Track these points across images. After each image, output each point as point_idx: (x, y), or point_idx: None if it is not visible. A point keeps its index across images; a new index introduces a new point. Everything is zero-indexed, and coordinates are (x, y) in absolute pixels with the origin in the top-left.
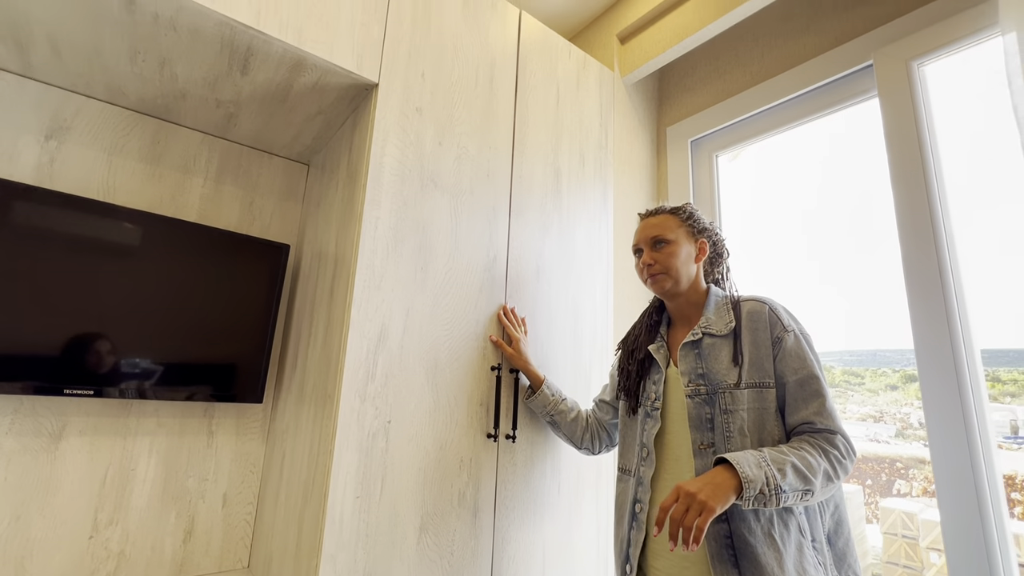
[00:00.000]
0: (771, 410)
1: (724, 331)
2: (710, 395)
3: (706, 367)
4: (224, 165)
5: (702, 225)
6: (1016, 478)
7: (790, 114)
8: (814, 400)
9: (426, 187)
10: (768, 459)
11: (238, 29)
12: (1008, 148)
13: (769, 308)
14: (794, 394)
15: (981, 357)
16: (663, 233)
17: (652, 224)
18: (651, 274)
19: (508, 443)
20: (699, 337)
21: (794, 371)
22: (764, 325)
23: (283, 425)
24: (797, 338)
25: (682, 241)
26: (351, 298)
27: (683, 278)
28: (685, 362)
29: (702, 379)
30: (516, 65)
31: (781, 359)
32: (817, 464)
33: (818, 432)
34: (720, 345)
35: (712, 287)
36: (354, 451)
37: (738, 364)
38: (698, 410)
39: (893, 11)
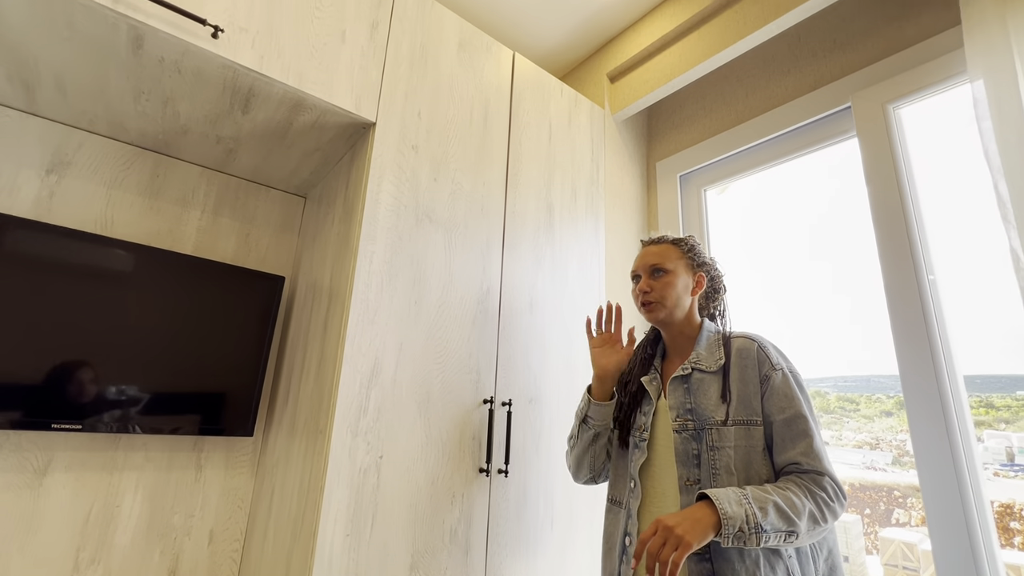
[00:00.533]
0: (758, 448)
1: (713, 367)
2: (697, 431)
3: (694, 402)
4: (222, 198)
5: (702, 259)
6: (1014, 506)
7: (774, 151)
8: (801, 440)
9: (421, 222)
10: (750, 498)
11: (241, 72)
12: (981, 184)
13: (758, 346)
14: (781, 433)
15: (964, 383)
16: (662, 262)
17: (653, 252)
18: (645, 302)
19: (501, 478)
20: (688, 372)
21: (781, 410)
22: (753, 363)
23: (273, 459)
24: (785, 376)
25: (680, 272)
26: (345, 333)
27: (677, 310)
28: (674, 396)
29: (690, 414)
30: (510, 103)
31: (768, 397)
32: (802, 505)
33: (805, 473)
34: (709, 381)
35: (705, 321)
36: (345, 487)
37: (726, 401)
38: (685, 445)
39: (868, 57)
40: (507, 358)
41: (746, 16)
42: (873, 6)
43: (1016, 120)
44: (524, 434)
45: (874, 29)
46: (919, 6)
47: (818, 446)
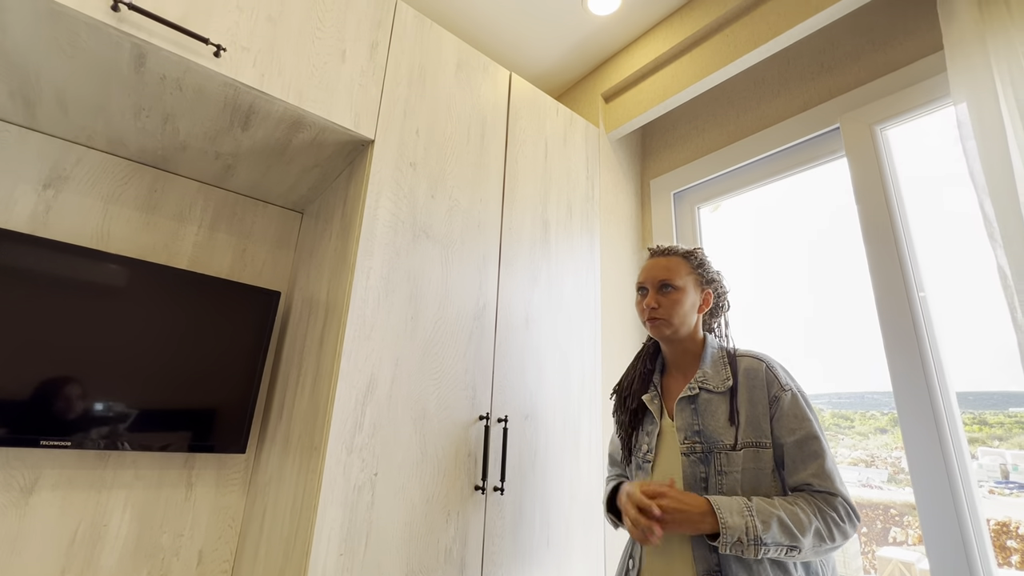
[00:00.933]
0: (767, 470)
1: (721, 388)
2: (705, 454)
3: (702, 424)
4: (219, 213)
5: (711, 275)
6: (1010, 525)
7: (766, 170)
8: (812, 461)
9: (418, 238)
10: (754, 510)
11: (242, 90)
12: (968, 202)
13: (767, 366)
14: (792, 455)
15: (957, 400)
16: (672, 278)
17: (662, 265)
18: (651, 318)
19: (496, 495)
20: (696, 392)
21: (791, 431)
22: (761, 383)
23: (266, 477)
24: (794, 397)
25: (689, 290)
26: (341, 348)
27: (683, 327)
28: (681, 417)
29: (698, 436)
30: (506, 122)
31: (778, 419)
32: (808, 521)
33: (817, 493)
34: (717, 402)
35: (708, 337)
36: (339, 505)
37: (734, 424)
38: (693, 469)
39: (855, 80)
40: (503, 374)
41: (736, 40)
42: (858, 31)
43: (998, 141)
44: (520, 451)
45: (860, 53)
46: (903, 31)
47: (829, 467)
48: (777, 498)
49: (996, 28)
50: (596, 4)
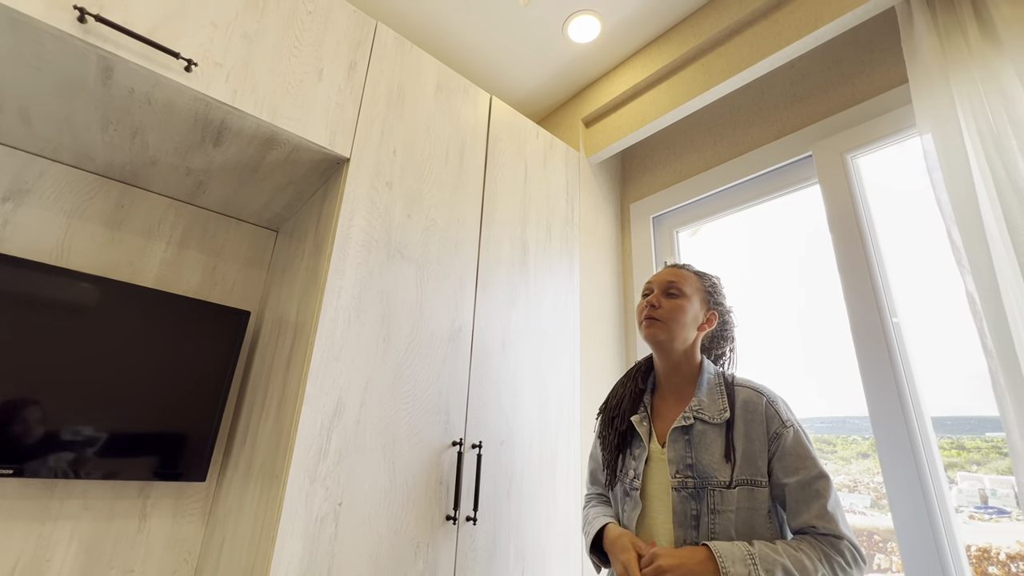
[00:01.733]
0: (762, 511)
1: (717, 420)
2: (698, 489)
3: (695, 457)
4: (189, 230)
5: (720, 299)
6: (991, 550)
7: (742, 196)
8: (815, 502)
9: (393, 258)
10: (757, 557)
11: (213, 105)
12: (938, 229)
13: (767, 400)
14: (795, 496)
15: (933, 425)
16: (680, 284)
17: (674, 272)
18: (649, 316)
19: (469, 526)
20: (691, 422)
21: (794, 471)
22: (760, 418)
23: (226, 507)
24: (796, 434)
25: (695, 301)
26: (307, 370)
27: (678, 337)
28: (674, 449)
29: (691, 470)
30: (486, 144)
31: (779, 458)
32: (813, 569)
33: (822, 536)
34: (712, 435)
35: (706, 361)
36: (299, 537)
37: (730, 460)
38: (684, 505)
39: (826, 110)
40: (478, 398)
41: (712, 69)
42: (829, 63)
43: (963, 172)
44: (495, 478)
45: (830, 84)
46: (870, 64)
47: (832, 508)
48: (780, 543)
49: (957, 62)
50: (576, 32)
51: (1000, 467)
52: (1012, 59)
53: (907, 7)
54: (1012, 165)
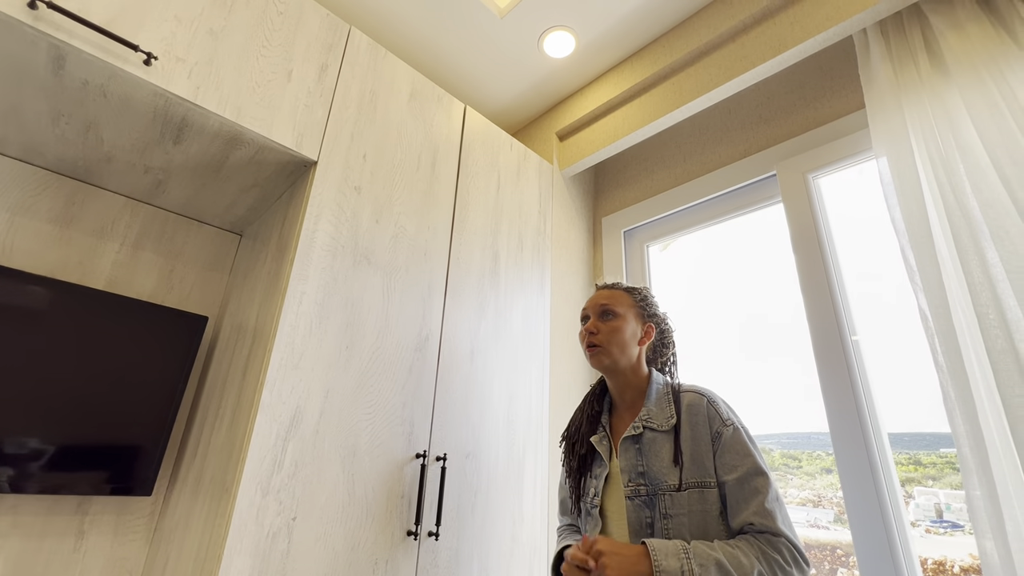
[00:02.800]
0: (713, 512)
1: (665, 426)
2: (650, 496)
3: (646, 464)
4: (146, 231)
5: (653, 310)
6: (946, 563)
7: (710, 212)
8: (753, 499)
9: (359, 264)
10: (692, 553)
11: (173, 101)
12: (894, 249)
13: (708, 400)
14: (734, 494)
15: (889, 441)
16: (613, 305)
17: (605, 295)
18: (591, 343)
19: (431, 541)
20: (640, 431)
21: (733, 468)
22: (703, 419)
23: (173, 523)
24: (736, 431)
25: (630, 319)
26: (264, 377)
27: (622, 357)
28: (625, 458)
29: (642, 478)
30: (459, 153)
31: (720, 455)
32: (749, 566)
33: (760, 534)
34: (661, 441)
35: (654, 373)
36: (247, 555)
37: (678, 464)
38: (637, 513)
39: (789, 132)
40: (444, 409)
41: (682, 88)
42: (792, 87)
43: (915, 194)
44: (459, 492)
45: (793, 107)
46: (831, 89)
47: (771, 504)
48: (717, 541)
49: (909, 90)
50: (552, 48)
51: (954, 482)
52: (959, 88)
53: (864, 36)
54: (959, 188)
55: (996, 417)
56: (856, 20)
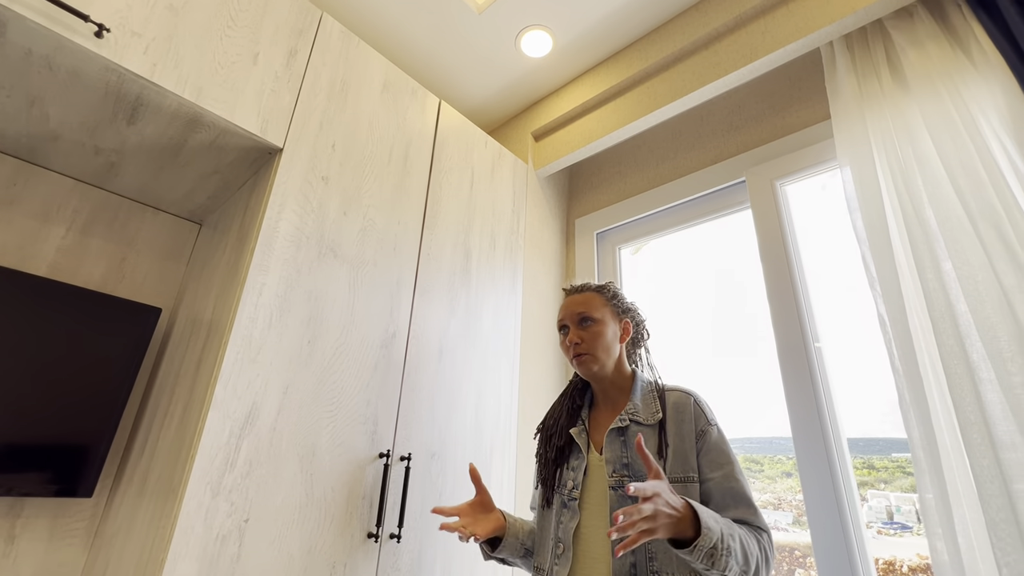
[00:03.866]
0: None
1: (651, 421)
2: None
3: (631, 456)
4: (96, 216)
5: (626, 305)
6: (895, 563)
7: (681, 216)
8: (742, 497)
9: (324, 256)
10: (723, 522)
11: (127, 77)
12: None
13: (694, 400)
14: (721, 490)
15: (848, 446)
16: (589, 311)
17: (578, 301)
18: (577, 354)
19: (392, 543)
20: (626, 424)
21: (719, 465)
22: (689, 417)
23: (115, 526)
24: (720, 433)
25: (608, 320)
26: (219, 371)
27: (609, 360)
28: (611, 449)
29: (627, 469)
30: (432, 147)
31: (705, 453)
32: (752, 550)
33: (749, 527)
34: (647, 435)
35: (637, 371)
36: (194, 559)
37: (663, 457)
38: (621, 503)
39: (758, 139)
40: (410, 408)
41: (656, 93)
42: (761, 97)
43: (876, 203)
44: (423, 493)
45: (763, 116)
46: (799, 99)
47: (755, 503)
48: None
49: (872, 102)
50: (529, 47)
51: (904, 485)
52: (918, 102)
53: (830, 49)
54: (917, 198)
55: (948, 420)
56: (823, 33)
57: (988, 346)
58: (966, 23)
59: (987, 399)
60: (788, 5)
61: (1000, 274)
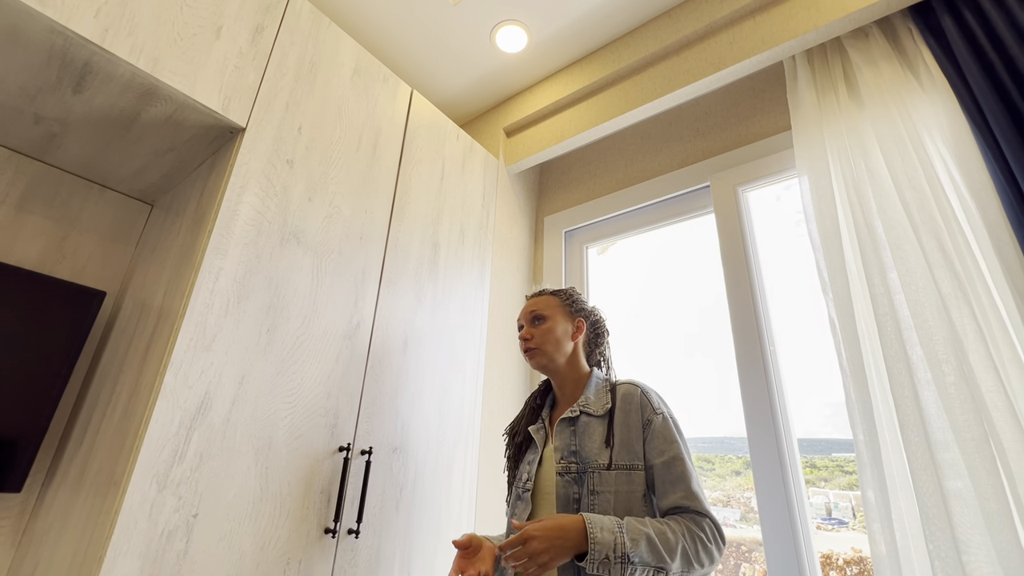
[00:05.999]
0: (638, 493)
1: (600, 412)
2: (579, 474)
3: (579, 444)
4: (33, 191)
5: (580, 306)
6: (832, 556)
7: (648, 218)
8: (680, 483)
9: (287, 242)
10: (624, 528)
11: (75, 41)
12: (809, 261)
13: (641, 391)
14: (662, 477)
15: (798, 446)
16: (541, 310)
17: (533, 303)
18: (526, 348)
19: (351, 539)
20: (576, 415)
21: (660, 452)
22: (636, 407)
23: (46, 523)
24: (665, 420)
25: (558, 319)
26: (169, 359)
27: (557, 354)
28: (560, 438)
29: (574, 456)
30: (403, 137)
31: (649, 440)
32: (675, 541)
33: (686, 513)
34: (595, 425)
35: (595, 370)
36: (136, 556)
37: (609, 445)
38: (566, 489)
39: (722, 146)
40: (372, 401)
41: (627, 95)
42: (726, 105)
43: (830, 211)
44: (383, 488)
45: (728, 124)
46: (762, 110)
47: (696, 488)
48: (648, 519)
49: (829, 116)
50: (504, 42)
51: (842, 483)
52: (871, 118)
53: (793, 63)
54: (867, 208)
55: (889, 418)
56: (786, 47)
57: (926, 349)
58: (916, 47)
59: (924, 399)
60: (755, 18)
61: (939, 281)
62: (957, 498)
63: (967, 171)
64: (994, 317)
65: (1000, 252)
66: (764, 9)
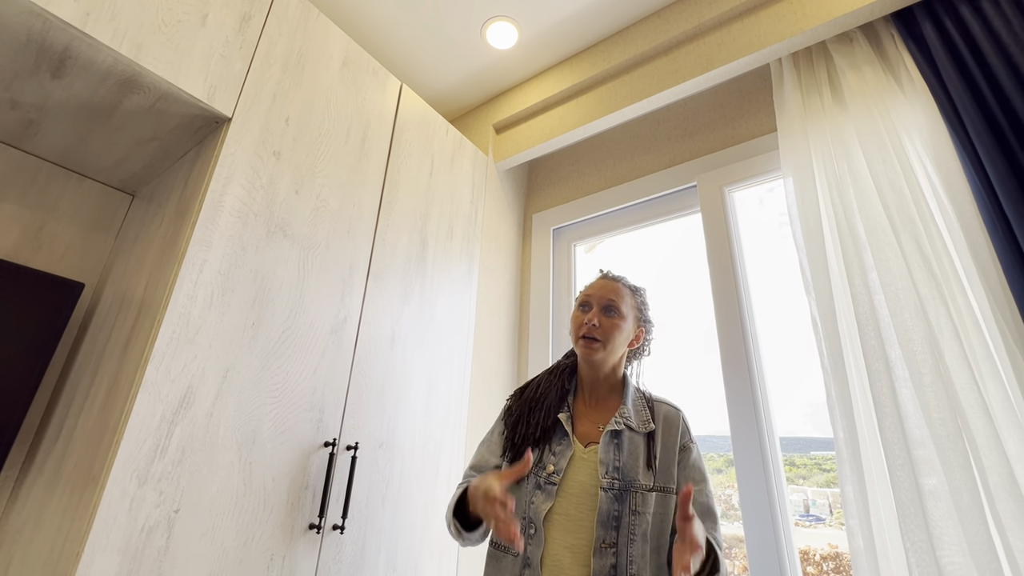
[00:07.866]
0: (670, 516)
1: (642, 430)
2: (621, 491)
3: (623, 461)
4: (9, 179)
5: (647, 316)
6: (809, 552)
7: (636, 216)
8: (710, 515)
9: (273, 235)
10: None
11: (54, 25)
12: (793, 261)
13: (683, 417)
14: (697, 507)
15: (780, 444)
16: (619, 303)
17: (612, 288)
18: (590, 335)
19: (335, 535)
20: (621, 428)
21: (696, 482)
22: (676, 431)
23: (20, 521)
24: (699, 451)
25: (630, 321)
26: (150, 352)
27: (613, 356)
28: (605, 451)
29: (618, 472)
30: (392, 131)
31: (684, 467)
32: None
33: None
34: (638, 442)
35: (627, 376)
36: (115, 552)
37: (651, 468)
38: (609, 506)
39: (709, 147)
40: (359, 397)
41: (617, 94)
42: (714, 106)
43: (813, 212)
44: (369, 483)
45: (715, 125)
46: (748, 112)
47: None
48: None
49: (814, 119)
50: (494, 37)
51: (819, 481)
52: (854, 121)
53: (779, 66)
54: (849, 209)
55: (868, 415)
56: (773, 49)
57: (904, 348)
58: (898, 52)
59: (902, 397)
60: (743, 20)
61: (917, 282)
62: (931, 494)
63: (945, 174)
64: (969, 317)
65: (975, 254)
66: (752, 12)
